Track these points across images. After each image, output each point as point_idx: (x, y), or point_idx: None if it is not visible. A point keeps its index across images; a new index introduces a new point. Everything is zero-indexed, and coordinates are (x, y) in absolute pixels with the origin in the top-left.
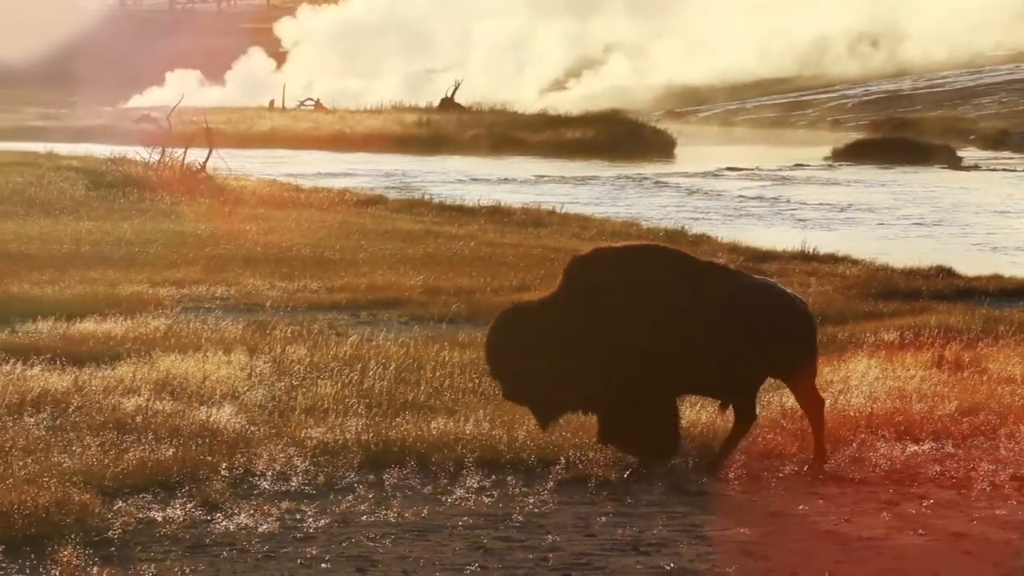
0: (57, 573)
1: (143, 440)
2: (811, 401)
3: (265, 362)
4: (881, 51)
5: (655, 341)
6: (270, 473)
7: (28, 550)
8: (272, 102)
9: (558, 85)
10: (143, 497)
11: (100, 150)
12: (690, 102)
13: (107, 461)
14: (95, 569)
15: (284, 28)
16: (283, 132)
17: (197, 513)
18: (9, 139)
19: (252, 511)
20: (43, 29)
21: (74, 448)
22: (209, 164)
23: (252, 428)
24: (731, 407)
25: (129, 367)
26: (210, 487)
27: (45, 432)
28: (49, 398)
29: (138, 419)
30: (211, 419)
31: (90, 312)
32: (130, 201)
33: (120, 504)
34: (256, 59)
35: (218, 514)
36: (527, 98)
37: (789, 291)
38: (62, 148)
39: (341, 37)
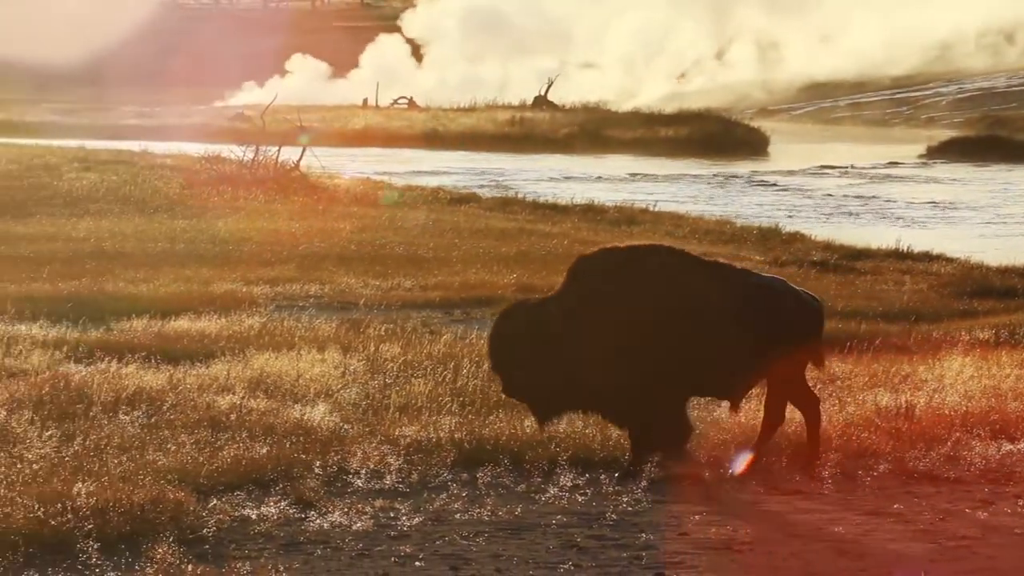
0: (152, 571)
1: (237, 438)
2: (807, 400)
3: (359, 360)
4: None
5: (659, 341)
6: (364, 471)
7: (123, 548)
8: (366, 100)
9: (680, 78)
10: (237, 495)
11: (194, 148)
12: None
13: (202, 459)
14: (189, 567)
15: (410, 22)
16: (377, 130)
17: (291, 511)
18: (104, 137)
19: (346, 509)
20: (138, 28)
21: (169, 446)
22: (303, 162)
23: (346, 426)
24: (763, 406)
25: (223, 365)
26: (304, 485)
27: (140, 430)
28: (144, 396)
29: (232, 417)
30: (305, 417)
31: (184, 310)
32: (224, 199)
33: (214, 502)
34: (350, 56)
35: (312, 512)
36: (650, 92)
37: (800, 289)
38: (157, 146)
39: (464, 31)
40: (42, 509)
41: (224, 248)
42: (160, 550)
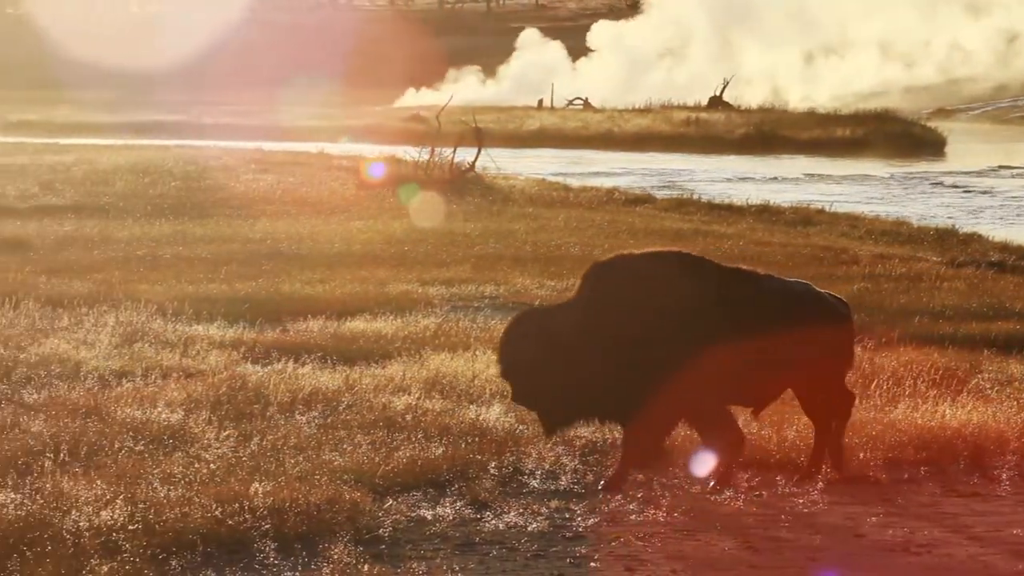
0: (328, 571)
1: (413, 439)
2: (841, 406)
3: None
4: None
5: (677, 349)
6: (539, 472)
7: (300, 548)
8: (541, 101)
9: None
10: (413, 495)
11: (370, 149)
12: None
13: (377, 459)
14: (366, 567)
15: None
16: (552, 131)
17: (467, 511)
18: (281, 139)
19: (521, 510)
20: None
21: (345, 446)
22: (478, 163)
23: (521, 427)
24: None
25: (399, 366)
26: (479, 486)
27: (316, 430)
28: (320, 396)
29: (408, 417)
30: (480, 418)
31: (360, 311)
32: (400, 200)
33: (390, 502)
34: (524, 58)
35: (487, 513)
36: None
37: (826, 293)
38: (333, 147)
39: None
40: (220, 509)
41: (400, 249)
42: (336, 550)
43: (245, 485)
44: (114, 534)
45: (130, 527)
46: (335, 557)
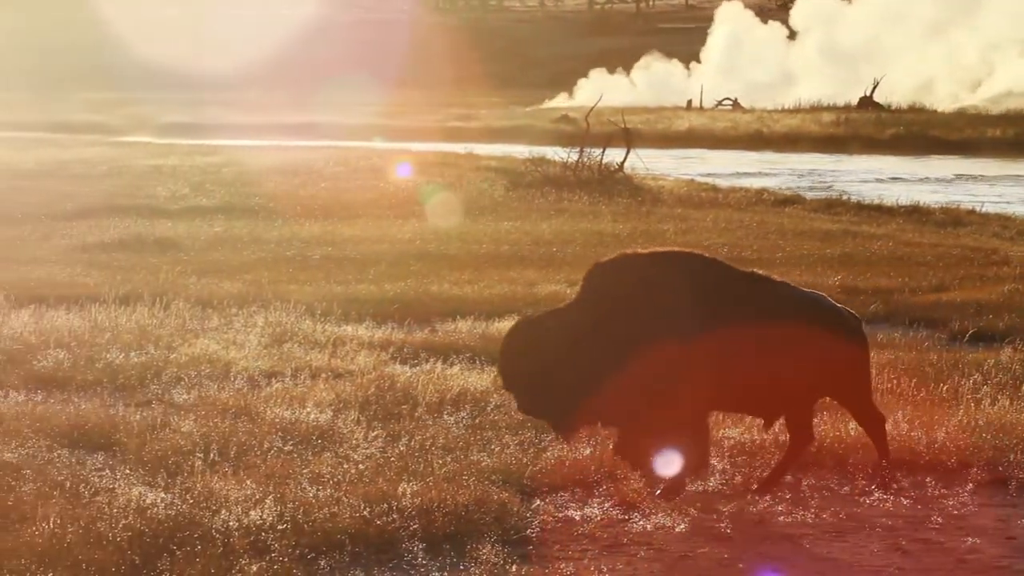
0: (476, 571)
1: (561, 440)
2: (869, 419)
3: None
4: None
5: (683, 353)
6: None
7: (448, 548)
8: (690, 102)
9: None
10: (561, 496)
11: (519, 150)
12: None
13: (525, 460)
14: (513, 567)
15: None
16: (701, 131)
17: (614, 512)
18: (430, 140)
19: (669, 511)
20: (463, 31)
21: (493, 447)
22: (627, 164)
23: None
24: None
25: None
26: (627, 486)
27: (464, 431)
28: (468, 397)
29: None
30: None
31: (509, 311)
32: (549, 201)
33: (538, 503)
34: (673, 59)
35: (635, 514)
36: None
37: (840, 306)
38: (481, 148)
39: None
40: (368, 509)
41: (548, 250)
42: (484, 550)
43: (393, 485)
44: (263, 534)
45: (279, 527)
46: (483, 558)
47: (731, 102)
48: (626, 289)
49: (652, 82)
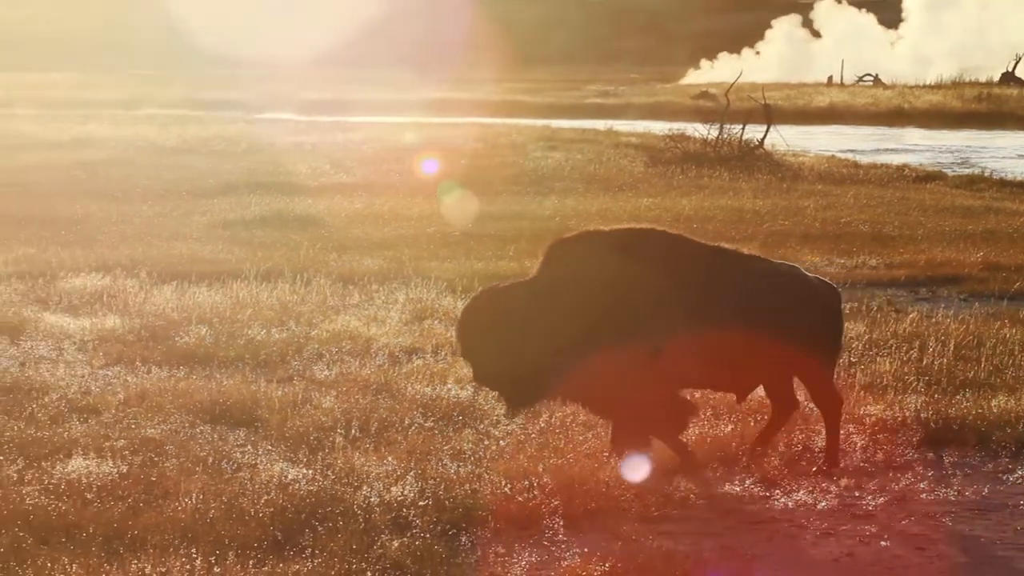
0: (617, 547)
1: (702, 416)
2: (828, 398)
3: None
4: None
5: (646, 329)
6: None
7: (588, 524)
8: (830, 78)
9: None
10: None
11: (658, 127)
12: None
13: None
14: (654, 544)
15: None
16: (841, 108)
17: (755, 489)
18: (570, 116)
19: (810, 488)
20: (602, 7)
21: None
22: (767, 140)
23: (810, 405)
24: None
25: None
26: (768, 463)
27: None
28: None
29: (697, 395)
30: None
31: None
32: (688, 178)
33: (678, 479)
34: (816, 34)
35: (776, 490)
36: None
37: (816, 278)
38: (621, 125)
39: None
40: (508, 485)
41: (688, 227)
42: (625, 527)
43: (534, 462)
44: (404, 510)
45: (420, 503)
46: (624, 534)
47: (872, 78)
48: (587, 265)
49: (791, 58)
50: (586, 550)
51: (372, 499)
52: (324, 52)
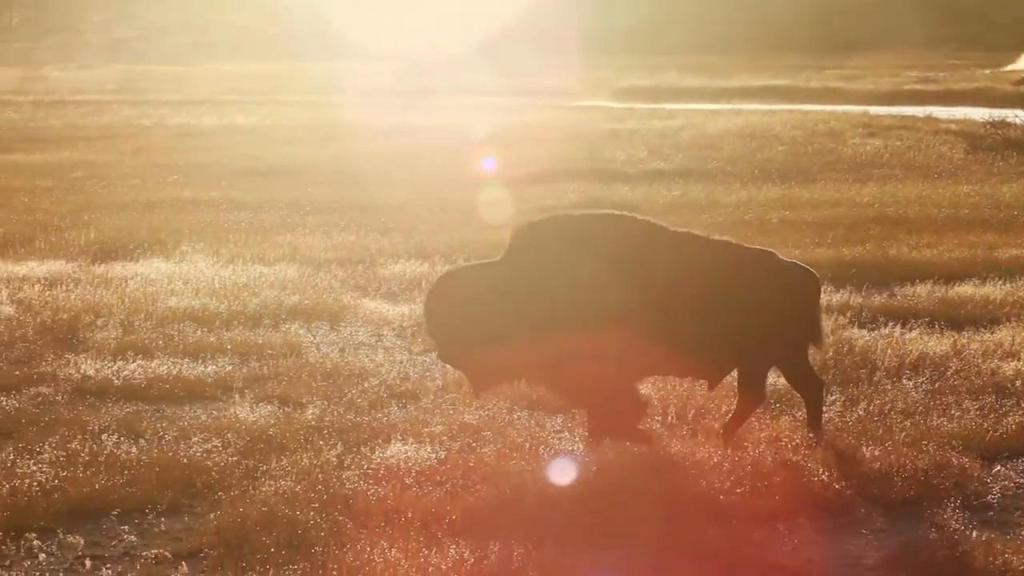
0: (935, 536)
1: (1023, 405)
2: (807, 382)
3: None
4: None
5: (609, 314)
6: None
7: (906, 512)
8: None
9: None
10: (1022, 462)
11: (979, 113)
12: None
13: (986, 425)
14: (974, 533)
15: None
16: None
17: None
18: (888, 103)
19: None
20: None
21: (952, 412)
22: None
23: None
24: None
25: (1008, 331)
26: None
27: (924, 396)
28: (927, 361)
29: (1018, 384)
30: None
31: (968, 276)
32: (1009, 165)
33: (999, 468)
34: None
35: None
36: None
37: (791, 263)
38: (940, 111)
39: None
40: (827, 473)
41: (1009, 214)
42: (944, 515)
43: (852, 449)
44: (720, 497)
45: (736, 491)
46: (942, 523)
47: None
48: (552, 249)
49: None
50: (904, 539)
51: (688, 486)
52: (637, 40)
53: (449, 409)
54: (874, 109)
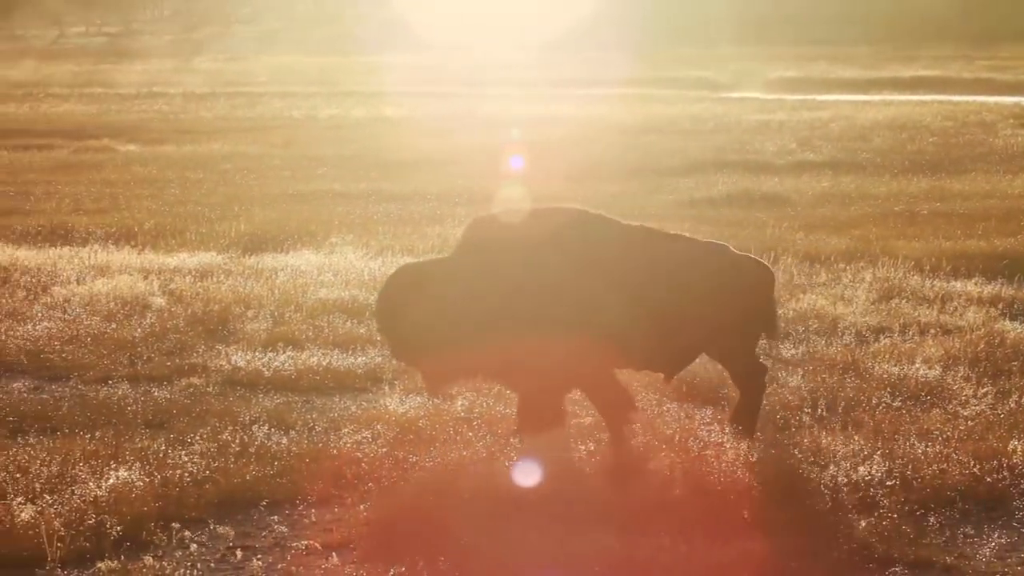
0: None
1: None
2: (745, 376)
3: None
4: None
5: (564, 309)
6: None
7: None
8: None
9: None
10: None
11: None
12: None
13: None
14: None
15: None
16: None
17: None
18: None
19: None
20: None
21: None
22: None
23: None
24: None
25: None
26: None
27: None
28: None
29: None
30: None
31: None
32: None
33: None
34: None
35: None
36: None
37: (745, 256)
38: None
39: None
40: (977, 466)
41: None
42: None
43: (1004, 442)
44: (871, 489)
45: (887, 483)
46: None
47: None
48: (503, 243)
49: None
50: None
51: (839, 478)
52: (787, 30)
53: None
54: None
